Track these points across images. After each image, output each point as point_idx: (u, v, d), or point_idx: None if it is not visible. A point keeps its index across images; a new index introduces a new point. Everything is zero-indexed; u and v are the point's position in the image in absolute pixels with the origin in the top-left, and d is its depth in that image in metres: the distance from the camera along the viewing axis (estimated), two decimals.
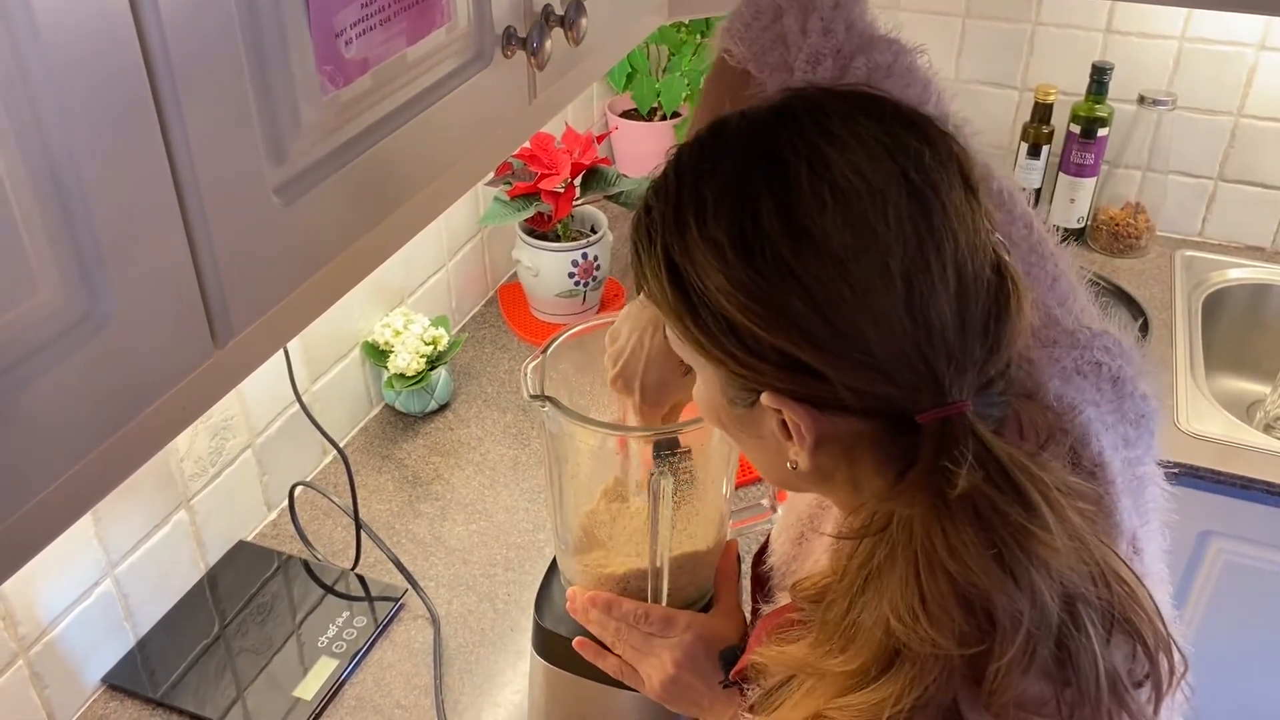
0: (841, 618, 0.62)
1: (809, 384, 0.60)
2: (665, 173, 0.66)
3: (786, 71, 0.81)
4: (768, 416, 0.64)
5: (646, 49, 2.09)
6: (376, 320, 1.55)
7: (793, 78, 0.80)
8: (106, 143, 0.50)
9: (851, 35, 0.80)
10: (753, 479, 1.45)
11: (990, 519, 0.58)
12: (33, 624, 1.09)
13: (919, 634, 0.57)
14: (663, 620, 0.88)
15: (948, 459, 0.58)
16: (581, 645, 0.92)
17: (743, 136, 0.64)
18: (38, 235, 0.48)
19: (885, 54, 0.80)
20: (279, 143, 0.61)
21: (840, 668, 0.60)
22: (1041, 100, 1.92)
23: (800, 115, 0.62)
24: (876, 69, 0.79)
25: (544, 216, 1.69)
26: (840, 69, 0.79)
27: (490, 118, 0.83)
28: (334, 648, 1.23)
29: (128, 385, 0.55)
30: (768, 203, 0.59)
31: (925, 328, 0.58)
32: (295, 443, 1.43)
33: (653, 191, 0.66)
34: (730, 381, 0.65)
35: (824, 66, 0.79)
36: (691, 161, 0.65)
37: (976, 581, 0.57)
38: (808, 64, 0.80)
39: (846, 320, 0.58)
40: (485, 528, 1.40)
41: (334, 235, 0.69)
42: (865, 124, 0.61)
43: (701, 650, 0.87)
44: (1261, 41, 1.82)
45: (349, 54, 0.64)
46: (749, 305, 0.59)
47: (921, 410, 0.59)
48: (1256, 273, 1.90)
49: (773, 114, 0.64)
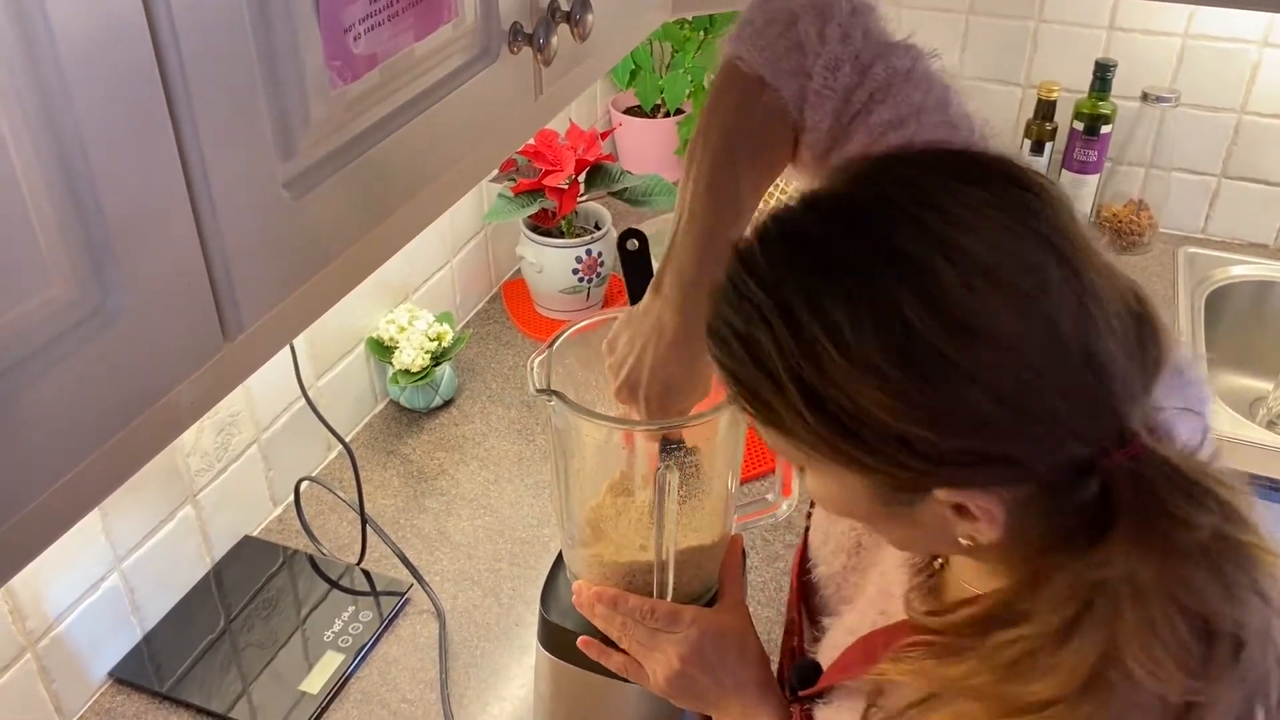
0: (1032, 649, 0.60)
1: (997, 471, 0.58)
2: (753, 299, 0.59)
3: (803, 77, 0.80)
4: (934, 507, 0.62)
5: (650, 46, 2.09)
6: (381, 316, 1.55)
7: (810, 84, 0.80)
8: (118, 136, 0.50)
9: (869, 42, 0.80)
10: (757, 474, 1.46)
11: (1217, 548, 0.57)
12: (40, 618, 1.10)
13: (1149, 670, 0.56)
14: (668, 616, 0.88)
15: (1167, 505, 0.57)
16: (586, 644, 0.92)
17: (849, 241, 0.59)
18: (50, 228, 0.48)
19: (903, 59, 0.80)
20: (288, 137, 0.61)
21: (1034, 695, 0.59)
22: (1045, 97, 1.92)
23: (902, 202, 0.58)
24: (895, 74, 0.79)
25: (548, 213, 1.69)
26: (859, 75, 0.79)
27: (496, 113, 0.83)
28: (339, 642, 1.23)
29: (139, 378, 0.55)
30: (915, 307, 0.55)
31: (1103, 376, 0.57)
32: (300, 438, 1.44)
33: (747, 321, 0.60)
34: (889, 486, 0.61)
35: (843, 73, 0.79)
36: (791, 281, 0.59)
37: (1220, 612, 0.56)
38: (826, 70, 0.79)
39: (1032, 400, 0.56)
40: (490, 523, 1.41)
41: (342, 230, 0.69)
42: (972, 192, 0.58)
43: (708, 645, 0.87)
44: (1265, 38, 1.82)
45: (357, 49, 0.65)
46: (921, 416, 0.56)
47: (1108, 455, 0.58)
48: (1259, 270, 1.90)
49: (868, 206, 0.59)
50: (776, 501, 1.01)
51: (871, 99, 0.80)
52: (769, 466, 1.46)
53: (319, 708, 1.16)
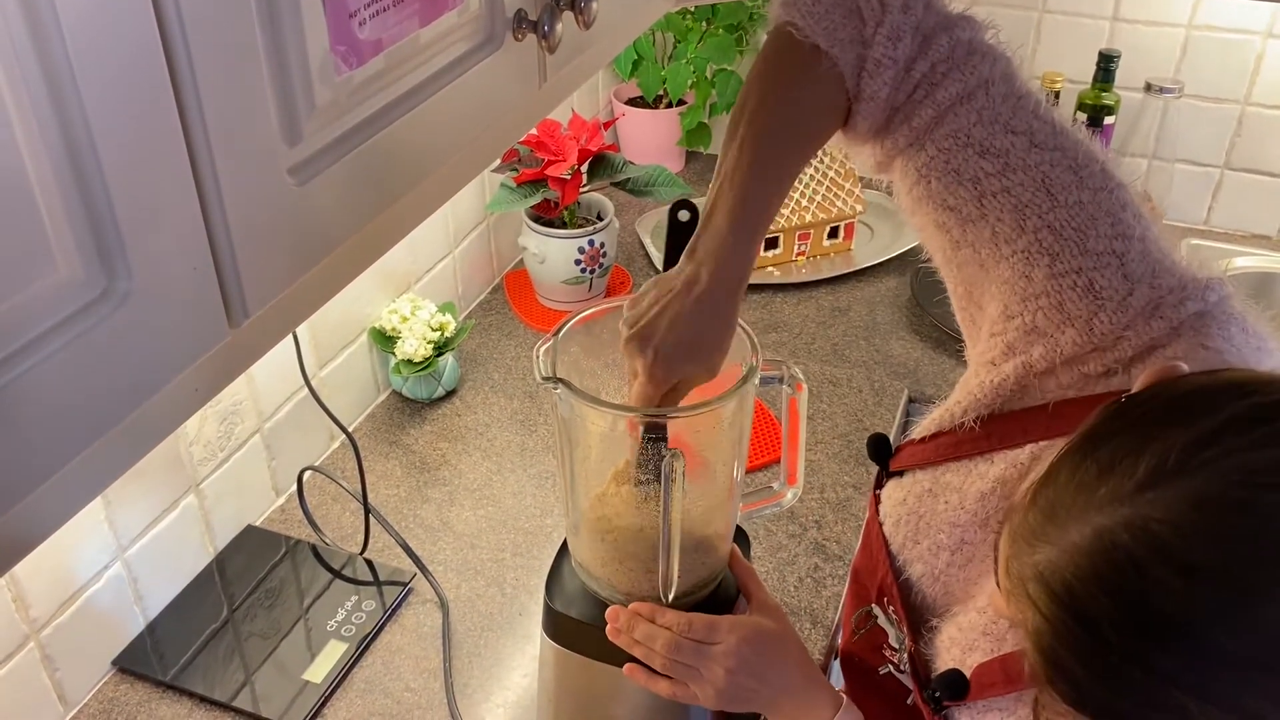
0: None
1: None
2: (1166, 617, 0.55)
3: (861, 46, 0.79)
4: None
5: (652, 36, 2.09)
6: (383, 306, 1.55)
7: (870, 52, 0.79)
8: (123, 120, 0.50)
9: (930, 12, 0.79)
10: (763, 464, 1.46)
11: None
12: (43, 606, 1.10)
13: None
14: (706, 627, 0.88)
15: None
16: (632, 671, 0.91)
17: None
18: (56, 212, 0.48)
19: (966, 30, 0.79)
20: (293, 123, 0.61)
21: None
22: (1048, 88, 1.92)
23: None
24: (959, 45, 0.79)
25: (551, 203, 1.69)
26: (920, 46, 0.79)
27: (500, 101, 0.83)
28: (343, 631, 1.23)
29: (145, 363, 0.55)
30: None
31: None
32: (303, 428, 1.44)
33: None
34: None
35: (904, 43, 0.78)
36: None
37: None
38: (888, 40, 0.78)
39: None
40: (493, 513, 1.41)
41: (346, 217, 0.69)
42: None
43: (749, 651, 0.87)
44: (1269, 29, 1.82)
45: (363, 35, 0.65)
46: None
47: None
48: (1262, 261, 1.90)
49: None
50: (782, 490, 1.01)
51: (934, 70, 0.79)
52: (774, 456, 1.46)
53: (322, 697, 1.16)
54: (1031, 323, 0.78)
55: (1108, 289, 0.75)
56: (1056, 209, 0.77)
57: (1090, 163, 0.78)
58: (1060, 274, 0.76)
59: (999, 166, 0.78)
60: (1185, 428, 0.58)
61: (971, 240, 0.80)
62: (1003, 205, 0.78)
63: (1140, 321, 0.74)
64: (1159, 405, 0.62)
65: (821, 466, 1.46)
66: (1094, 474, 0.60)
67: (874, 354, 1.68)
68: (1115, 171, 0.78)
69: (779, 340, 1.72)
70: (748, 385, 0.87)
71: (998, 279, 0.80)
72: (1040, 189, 0.77)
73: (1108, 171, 0.78)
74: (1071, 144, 0.78)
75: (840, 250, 1.92)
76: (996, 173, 0.78)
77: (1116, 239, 0.76)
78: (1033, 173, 0.77)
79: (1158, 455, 0.57)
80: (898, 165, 0.83)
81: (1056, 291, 0.76)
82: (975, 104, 0.78)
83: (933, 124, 0.79)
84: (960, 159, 0.79)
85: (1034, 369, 0.78)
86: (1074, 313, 0.76)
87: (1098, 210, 0.76)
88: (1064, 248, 0.76)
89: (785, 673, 0.88)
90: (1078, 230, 0.76)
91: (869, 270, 1.87)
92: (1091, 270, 0.75)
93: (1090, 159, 0.78)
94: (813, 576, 1.30)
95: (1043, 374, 0.78)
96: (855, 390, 1.61)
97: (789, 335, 1.73)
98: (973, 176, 0.79)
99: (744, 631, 0.88)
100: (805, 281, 1.85)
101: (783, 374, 0.92)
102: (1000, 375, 0.80)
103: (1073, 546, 0.58)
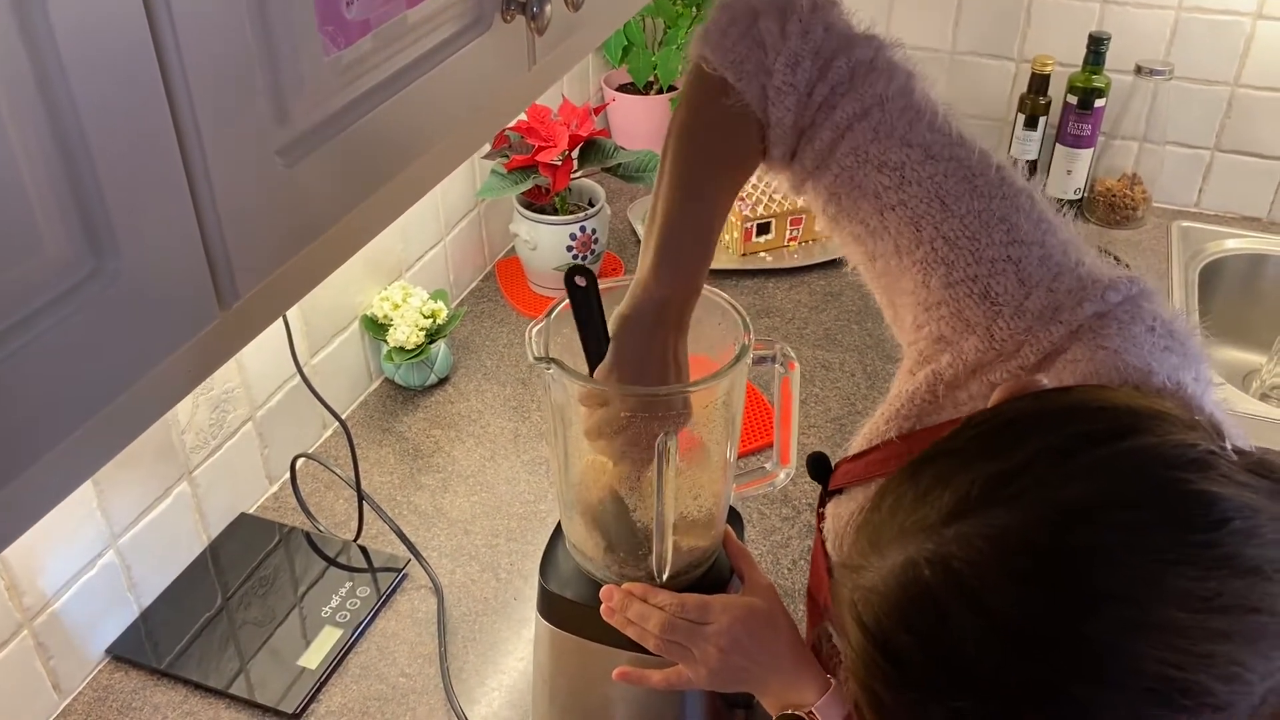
0: None
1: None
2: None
3: (765, 75, 0.80)
4: None
5: (642, 22, 2.09)
6: (375, 294, 1.55)
7: (771, 81, 0.79)
8: (110, 98, 0.50)
9: (830, 35, 0.79)
10: (755, 448, 1.46)
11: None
12: (37, 594, 1.10)
13: None
14: (698, 607, 0.89)
15: None
16: (623, 674, 0.92)
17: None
18: (43, 190, 0.48)
19: (865, 50, 0.79)
20: (282, 103, 0.61)
21: None
22: (1038, 71, 1.92)
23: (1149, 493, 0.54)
24: (858, 66, 0.79)
25: (542, 189, 1.69)
26: (820, 70, 0.79)
27: (489, 84, 0.83)
28: (338, 617, 1.23)
29: (134, 344, 0.55)
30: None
31: None
32: (296, 416, 1.43)
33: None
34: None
35: (803, 68, 0.79)
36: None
37: None
38: (787, 67, 0.79)
39: None
40: (487, 499, 1.41)
41: (335, 199, 0.69)
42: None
43: (741, 630, 0.88)
44: (1259, 10, 1.82)
45: (351, 14, 0.64)
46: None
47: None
48: (1253, 243, 1.90)
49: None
50: (774, 470, 1.01)
51: (833, 93, 0.79)
52: (767, 440, 1.47)
53: (318, 682, 1.16)
54: (937, 332, 0.78)
55: (1003, 295, 0.75)
56: (950, 219, 0.77)
57: (985, 171, 0.78)
58: (956, 282, 0.77)
59: (895, 180, 0.78)
60: (995, 458, 0.57)
61: (881, 252, 0.81)
62: (901, 218, 0.78)
63: (1039, 326, 0.73)
64: (983, 430, 0.61)
65: (814, 449, 1.46)
66: (909, 501, 0.58)
67: (866, 338, 1.69)
68: (1014, 178, 0.78)
69: (772, 325, 1.72)
70: (740, 364, 0.87)
71: (905, 290, 0.81)
72: (934, 200, 0.77)
73: (1004, 179, 0.78)
74: (966, 153, 0.78)
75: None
76: (894, 186, 0.78)
77: (1011, 245, 0.76)
78: (926, 184, 0.77)
79: (964, 487, 0.56)
80: (809, 187, 0.84)
81: (954, 300, 0.77)
82: (871, 121, 0.79)
83: (833, 144, 0.80)
84: (861, 175, 0.80)
85: (942, 378, 0.78)
86: (974, 320, 0.76)
87: (990, 218, 0.76)
88: (958, 256, 0.76)
89: (776, 652, 0.88)
90: (970, 238, 0.76)
91: None
92: (987, 277, 0.76)
93: (985, 167, 0.78)
94: (805, 559, 1.30)
95: (951, 384, 0.78)
96: (848, 374, 1.61)
97: (782, 320, 1.73)
98: (873, 191, 0.79)
99: (737, 611, 0.89)
100: (798, 266, 1.85)
101: (775, 353, 0.92)
102: (914, 385, 0.80)
103: (882, 577, 0.57)
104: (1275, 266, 1.89)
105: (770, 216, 1.85)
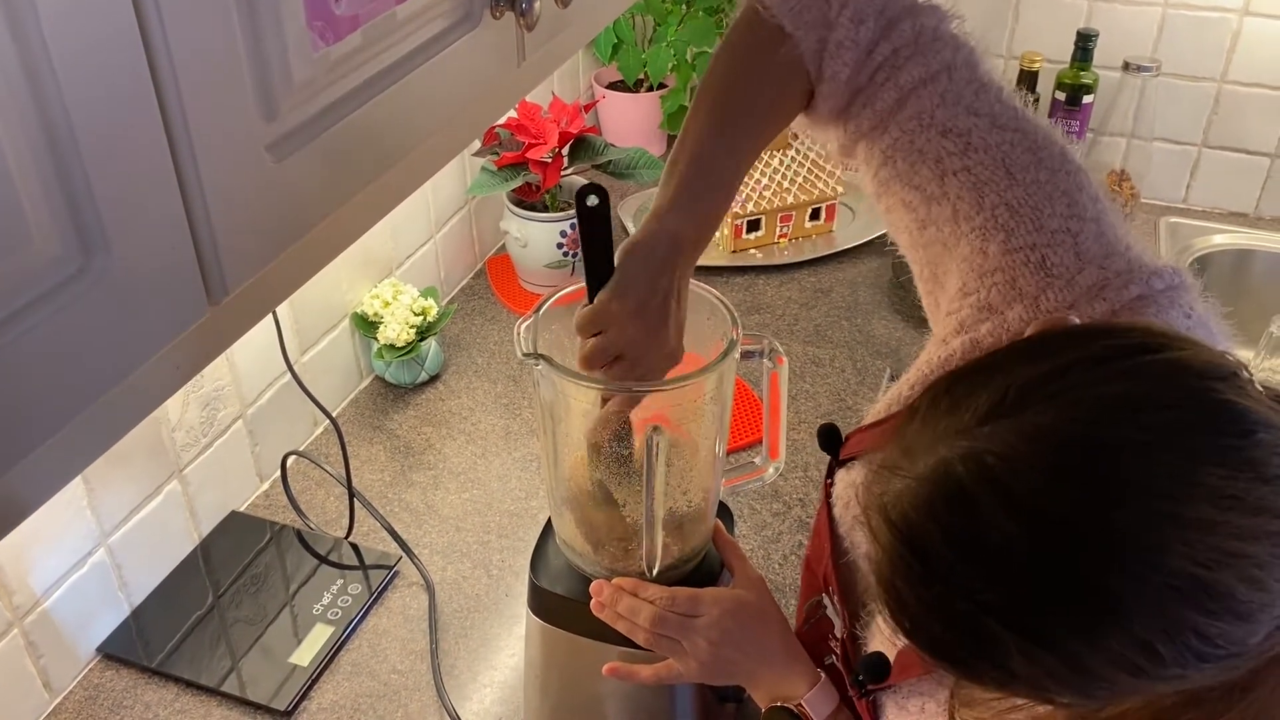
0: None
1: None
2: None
3: (825, 28, 0.80)
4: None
5: (632, 20, 2.09)
6: (365, 291, 1.55)
7: (833, 34, 0.79)
8: (98, 94, 0.50)
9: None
10: (744, 444, 1.46)
11: None
12: (27, 593, 1.09)
13: None
14: (689, 600, 0.89)
15: None
16: (613, 669, 0.93)
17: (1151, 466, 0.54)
18: (32, 186, 0.48)
19: (930, 17, 0.80)
20: (270, 98, 0.61)
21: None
22: (1026, 68, 1.93)
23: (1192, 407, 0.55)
24: (923, 31, 0.79)
25: (532, 186, 1.69)
26: (883, 29, 0.79)
27: (479, 80, 0.83)
28: (329, 615, 1.23)
29: (123, 339, 0.55)
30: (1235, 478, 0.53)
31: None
32: (286, 413, 1.43)
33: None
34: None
35: (867, 26, 0.79)
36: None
37: None
38: (851, 22, 0.79)
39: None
40: (478, 496, 1.41)
41: (324, 195, 0.69)
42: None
43: (731, 623, 0.88)
44: (1245, 7, 1.83)
45: (339, 10, 0.64)
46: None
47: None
48: (1240, 238, 1.91)
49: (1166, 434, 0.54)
50: (764, 465, 1.01)
51: (896, 54, 0.79)
52: (756, 436, 1.47)
53: (309, 680, 1.16)
54: (985, 299, 0.79)
55: (1059, 266, 0.76)
56: (1014, 187, 0.78)
57: (1049, 145, 0.79)
58: (1015, 249, 0.77)
59: (960, 146, 0.79)
60: (1033, 364, 0.58)
61: (935, 218, 0.81)
62: (963, 183, 0.79)
63: (1084, 301, 0.75)
64: (1018, 346, 0.63)
65: (804, 445, 1.46)
66: (945, 408, 0.60)
67: (856, 334, 1.69)
68: (1074, 156, 0.80)
69: (762, 321, 1.73)
70: (729, 359, 0.88)
71: (958, 256, 0.81)
72: (999, 167, 0.78)
73: (1066, 155, 0.79)
74: (1032, 127, 0.80)
75: (822, 232, 1.92)
76: (958, 151, 0.79)
77: (1071, 218, 0.77)
78: (993, 152, 0.78)
79: (1000, 391, 0.57)
80: (862, 149, 0.85)
81: (1010, 267, 0.77)
82: (938, 87, 0.79)
83: (896, 107, 0.80)
84: (923, 139, 0.80)
85: (980, 345, 0.79)
86: (1025, 289, 0.77)
87: (1054, 190, 0.77)
88: (1019, 224, 0.77)
89: (766, 645, 0.88)
90: (1034, 208, 0.77)
91: (851, 251, 1.88)
92: (1045, 247, 0.77)
93: (1049, 142, 0.79)
94: (796, 554, 1.31)
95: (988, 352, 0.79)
96: (838, 370, 1.62)
97: (772, 316, 1.74)
98: (935, 156, 0.80)
99: (726, 604, 0.89)
100: (787, 263, 1.85)
101: (763, 347, 0.93)
102: (948, 350, 0.81)
103: (915, 476, 0.58)
104: (1262, 261, 1.90)
105: (760, 213, 1.85)
